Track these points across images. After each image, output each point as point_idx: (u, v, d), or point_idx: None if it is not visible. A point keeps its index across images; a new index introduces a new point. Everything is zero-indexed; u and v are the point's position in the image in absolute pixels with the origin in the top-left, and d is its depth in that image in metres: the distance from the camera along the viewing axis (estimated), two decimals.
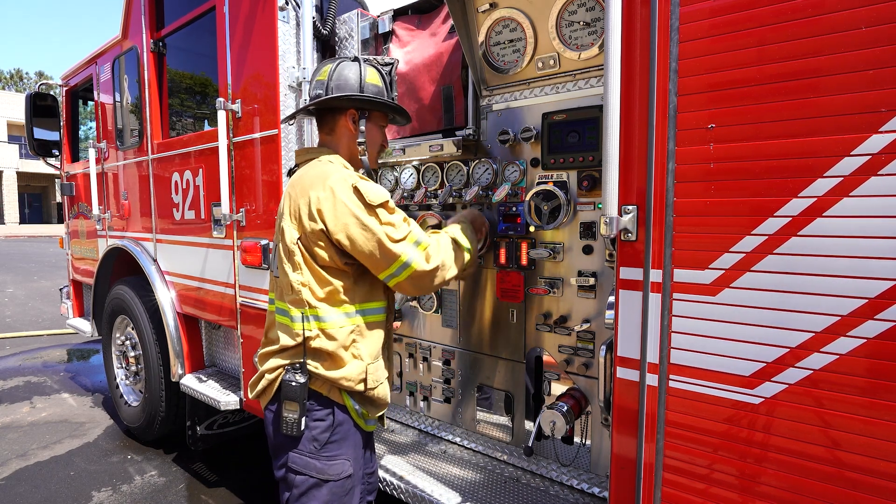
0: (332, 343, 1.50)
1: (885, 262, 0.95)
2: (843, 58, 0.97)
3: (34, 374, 5.25)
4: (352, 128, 1.65)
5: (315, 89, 1.65)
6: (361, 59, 1.67)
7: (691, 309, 1.16)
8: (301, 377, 1.48)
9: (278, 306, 1.60)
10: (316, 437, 1.51)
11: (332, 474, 1.52)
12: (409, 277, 1.53)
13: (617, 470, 1.33)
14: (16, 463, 3.38)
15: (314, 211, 1.47)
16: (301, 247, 1.50)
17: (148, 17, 3.16)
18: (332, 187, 1.47)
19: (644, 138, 1.21)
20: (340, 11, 2.43)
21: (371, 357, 1.58)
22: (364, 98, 1.62)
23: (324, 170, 1.53)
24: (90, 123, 4.60)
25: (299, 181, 1.55)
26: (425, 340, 2.37)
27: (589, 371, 1.86)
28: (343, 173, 1.51)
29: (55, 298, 9.15)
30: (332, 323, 1.51)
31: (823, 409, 1.03)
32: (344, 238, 1.46)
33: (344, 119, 1.65)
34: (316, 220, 1.46)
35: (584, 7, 1.75)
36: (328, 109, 1.66)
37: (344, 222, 1.46)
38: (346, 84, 1.62)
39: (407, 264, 1.51)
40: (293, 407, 1.47)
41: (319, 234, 1.47)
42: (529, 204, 1.86)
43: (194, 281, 2.98)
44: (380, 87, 1.67)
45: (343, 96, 1.60)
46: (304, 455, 1.51)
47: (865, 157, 0.96)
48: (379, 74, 1.68)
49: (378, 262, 1.50)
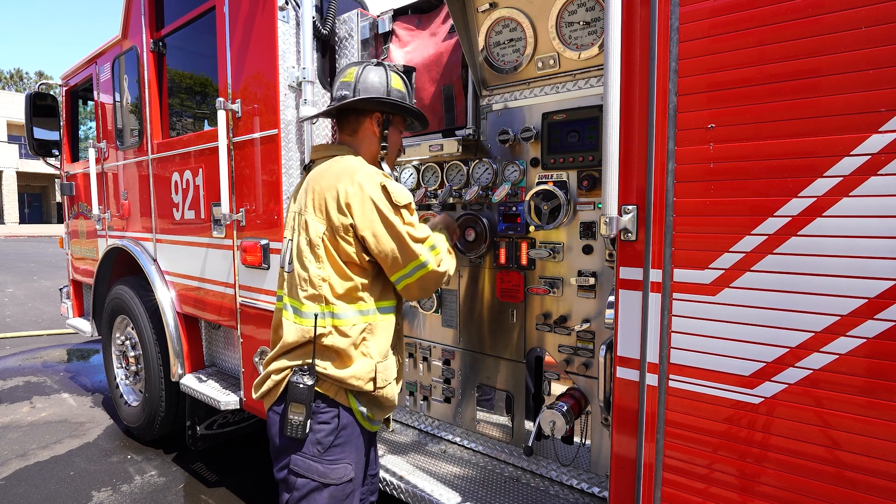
0: (345, 340, 1.50)
1: (884, 261, 0.95)
2: (842, 58, 0.97)
3: (34, 373, 5.24)
4: (376, 130, 1.67)
5: (340, 90, 1.67)
6: (386, 65, 1.70)
7: (691, 309, 1.16)
8: (309, 379, 1.48)
9: (288, 303, 1.59)
10: (320, 440, 1.50)
11: (333, 478, 1.51)
12: (420, 279, 1.55)
13: (617, 470, 1.33)
14: (16, 463, 3.38)
15: (343, 204, 1.48)
16: (326, 240, 1.51)
17: (148, 16, 3.16)
18: (361, 183, 1.48)
19: (644, 138, 1.21)
20: (340, 11, 2.43)
21: (380, 355, 1.58)
22: (391, 102, 1.64)
23: (350, 165, 1.54)
24: (90, 123, 4.60)
25: (323, 175, 1.55)
26: (425, 340, 2.37)
27: (589, 371, 1.86)
28: (370, 169, 1.53)
29: (55, 298, 9.14)
30: (346, 320, 1.51)
31: (823, 408, 1.03)
32: (370, 234, 1.48)
33: (369, 122, 1.67)
34: (346, 213, 1.48)
35: (584, 7, 1.75)
36: (352, 111, 1.67)
37: (371, 218, 1.48)
38: (373, 87, 1.64)
39: (423, 265, 1.54)
40: (299, 409, 1.46)
41: (347, 228, 1.48)
42: (529, 204, 1.87)
43: (194, 281, 2.97)
44: (403, 92, 1.70)
45: (372, 99, 1.61)
46: (307, 458, 1.50)
47: (865, 157, 0.96)
48: (402, 80, 1.72)
49: (396, 260, 1.52)
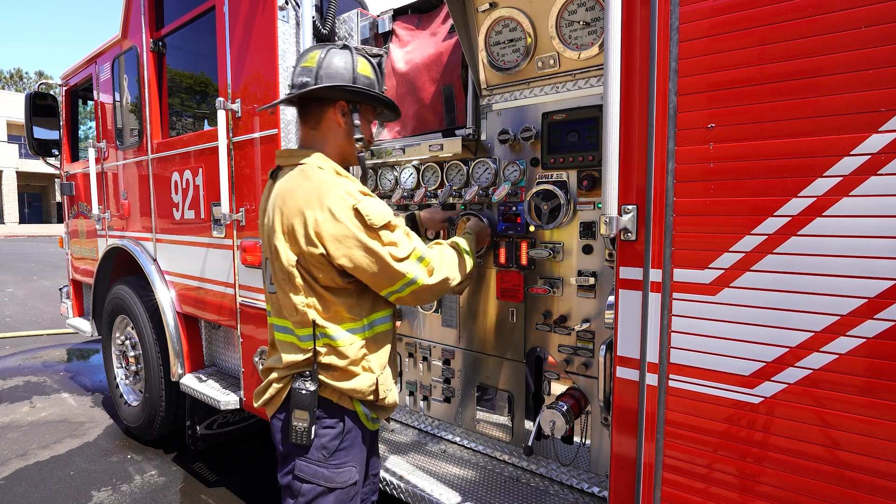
0: (343, 360, 1.45)
1: (884, 261, 0.95)
2: (842, 57, 0.97)
3: (34, 373, 5.24)
4: (341, 121, 1.53)
5: (301, 76, 1.50)
6: (353, 48, 1.55)
7: (691, 308, 1.16)
8: (311, 385, 1.43)
9: (278, 323, 1.53)
10: (325, 444, 1.47)
11: (339, 482, 1.48)
12: (412, 293, 1.48)
13: (617, 469, 1.33)
14: (16, 463, 3.38)
15: (312, 234, 1.37)
16: (301, 269, 1.42)
17: (148, 16, 3.16)
18: (331, 208, 1.36)
19: (644, 138, 1.21)
20: (340, 11, 2.43)
21: (381, 368, 1.54)
22: (358, 90, 1.49)
23: (317, 185, 1.41)
24: (90, 123, 4.59)
25: (291, 195, 1.42)
26: (425, 340, 2.37)
27: (589, 371, 1.86)
28: (340, 189, 1.39)
29: (55, 298, 9.14)
30: (341, 341, 1.45)
31: (823, 408, 1.03)
32: (346, 262, 1.39)
33: (332, 111, 1.52)
34: (315, 244, 1.37)
35: (583, 7, 1.75)
36: (315, 99, 1.52)
37: (346, 246, 1.38)
38: (337, 73, 1.49)
39: (412, 282, 1.46)
40: (303, 415, 1.42)
41: (319, 258, 1.39)
42: (529, 203, 1.87)
43: (194, 280, 2.97)
44: (371, 79, 1.56)
45: (336, 86, 1.47)
46: (312, 463, 1.47)
47: (865, 157, 0.96)
48: (370, 65, 1.57)
49: (381, 282, 1.44)
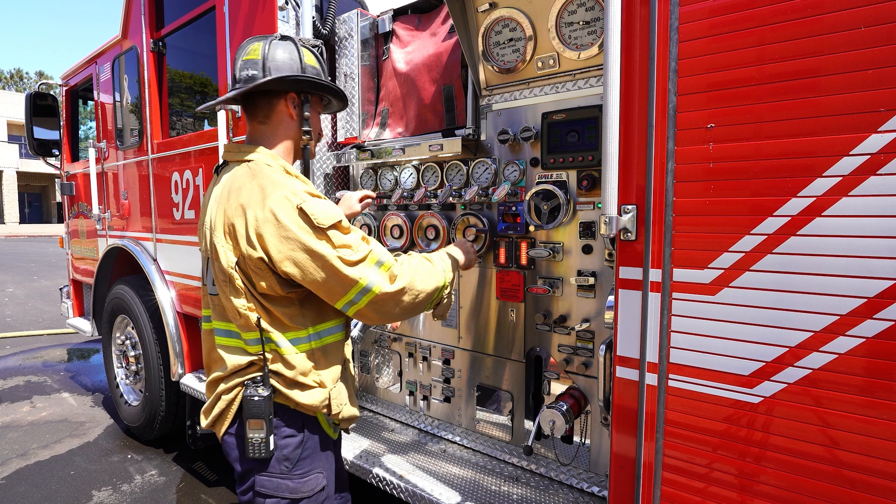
0: (291, 371, 1.35)
1: (883, 261, 0.95)
2: (842, 57, 0.97)
3: (34, 373, 5.25)
4: (293, 113, 1.47)
5: (245, 69, 1.41)
6: (294, 38, 1.49)
7: (691, 308, 1.16)
8: (264, 390, 1.31)
9: (222, 327, 1.41)
10: (287, 455, 1.37)
11: (306, 491, 1.39)
12: (371, 303, 1.33)
13: (616, 469, 1.33)
14: (16, 462, 3.38)
15: (252, 235, 1.27)
16: (240, 272, 1.32)
17: (148, 16, 3.16)
18: (273, 209, 1.26)
19: (643, 138, 1.21)
20: (340, 11, 2.43)
21: (332, 381, 1.43)
22: (311, 80, 1.44)
23: (262, 182, 1.32)
24: (90, 123, 4.60)
25: (235, 192, 1.33)
26: (425, 340, 2.37)
27: (588, 370, 1.86)
28: (285, 189, 1.30)
29: (55, 298, 9.15)
30: (285, 349, 1.34)
31: (822, 408, 1.03)
32: (291, 268, 1.27)
33: (283, 104, 1.45)
34: (255, 246, 1.27)
35: (583, 7, 1.75)
36: (262, 93, 1.44)
37: (289, 248, 1.26)
38: (285, 65, 1.42)
39: (367, 289, 1.31)
40: (258, 425, 1.31)
41: (258, 262, 1.28)
42: (529, 203, 1.87)
43: (194, 280, 2.97)
44: (318, 69, 1.51)
45: (287, 77, 1.40)
46: (275, 477, 1.36)
47: (864, 157, 0.96)
48: (315, 56, 1.52)
49: (333, 289, 1.31)
